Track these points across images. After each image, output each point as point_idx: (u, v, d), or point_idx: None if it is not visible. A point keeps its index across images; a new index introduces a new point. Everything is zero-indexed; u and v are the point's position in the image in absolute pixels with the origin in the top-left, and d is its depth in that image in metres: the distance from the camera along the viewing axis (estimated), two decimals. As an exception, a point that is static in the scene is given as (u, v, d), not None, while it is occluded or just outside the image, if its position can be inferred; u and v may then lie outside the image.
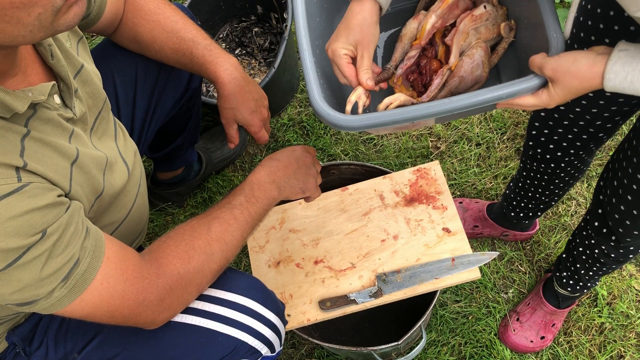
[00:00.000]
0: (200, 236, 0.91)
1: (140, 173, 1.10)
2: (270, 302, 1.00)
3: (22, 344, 0.97)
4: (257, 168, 1.03)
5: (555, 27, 0.84)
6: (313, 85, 0.84)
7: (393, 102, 0.87)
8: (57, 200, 0.74)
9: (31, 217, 0.70)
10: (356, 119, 0.82)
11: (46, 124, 0.78)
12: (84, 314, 0.80)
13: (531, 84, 0.80)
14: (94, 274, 0.78)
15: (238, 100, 1.13)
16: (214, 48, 1.14)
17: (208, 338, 0.93)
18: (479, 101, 0.80)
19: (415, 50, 0.99)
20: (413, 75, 0.98)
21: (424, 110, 0.81)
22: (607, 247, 1.14)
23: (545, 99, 0.79)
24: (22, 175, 0.71)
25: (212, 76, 1.13)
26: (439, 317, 1.55)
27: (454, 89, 0.94)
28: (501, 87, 0.80)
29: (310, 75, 0.85)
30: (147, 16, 1.12)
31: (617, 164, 1.00)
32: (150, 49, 1.16)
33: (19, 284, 0.71)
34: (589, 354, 1.48)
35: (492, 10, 0.98)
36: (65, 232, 0.74)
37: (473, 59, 0.93)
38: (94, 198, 0.87)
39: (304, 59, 0.87)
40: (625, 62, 0.70)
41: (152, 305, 0.85)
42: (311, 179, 1.07)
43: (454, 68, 0.94)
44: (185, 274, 0.88)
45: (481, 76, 0.94)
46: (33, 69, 0.80)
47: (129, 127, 1.25)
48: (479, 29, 0.96)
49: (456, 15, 0.99)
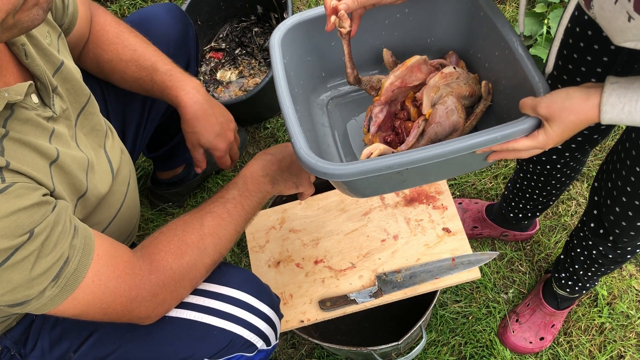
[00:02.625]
0: (193, 231, 0.91)
1: (129, 172, 1.09)
2: (264, 296, 1.00)
3: (16, 347, 0.97)
4: (250, 162, 1.03)
5: (539, 75, 0.82)
6: (299, 137, 0.83)
7: (373, 151, 0.86)
8: (43, 199, 0.74)
9: (18, 218, 0.69)
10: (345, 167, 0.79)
11: (24, 124, 0.78)
12: (76, 313, 0.80)
13: (526, 124, 0.77)
14: (85, 272, 0.78)
15: (201, 124, 1.11)
16: (175, 72, 1.12)
17: (203, 332, 0.93)
18: (474, 144, 0.77)
19: (378, 106, 0.99)
20: (390, 136, 0.98)
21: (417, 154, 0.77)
22: (605, 247, 1.14)
23: (542, 139, 0.77)
24: (6, 175, 0.71)
25: (174, 101, 1.11)
26: (439, 317, 1.55)
27: (433, 135, 0.93)
28: (494, 129, 0.77)
29: (294, 127, 0.84)
30: (105, 46, 1.11)
31: (611, 165, 1.00)
32: (112, 78, 1.15)
33: (9, 285, 0.71)
34: (589, 354, 1.48)
35: (462, 71, 0.98)
36: (53, 231, 0.74)
37: (446, 105, 0.93)
38: (75, 198, 0.87)
39: (287, 114, 0.86)
40: (620, 94, 0.70)
41: (146, 301, 0.85)
42: (304, 174, 1.06)
43: (428, 117, 0.94)
44: (178, 269, 0.88)
45: (458, 122, 0.93)
46: (8, 69, 0.80)
47: (121, 128, 1.24)
48: (450, 85, 0.96)
49: (419, 77, 0.99)
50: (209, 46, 2.01)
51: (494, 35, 0.91)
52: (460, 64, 1.02)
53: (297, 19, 0.95)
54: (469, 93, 0.97)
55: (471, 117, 0.97)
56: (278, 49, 0.92)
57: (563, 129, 0.75)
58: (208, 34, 1.99)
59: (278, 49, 0.92)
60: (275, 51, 0.92)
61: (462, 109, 0.94)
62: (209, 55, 2.00)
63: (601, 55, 0.92)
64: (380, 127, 0.99)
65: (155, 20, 1.26)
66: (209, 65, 1.98)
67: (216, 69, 1.97)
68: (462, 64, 1.02)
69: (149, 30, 1.19)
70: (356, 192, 0.90)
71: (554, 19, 1.83)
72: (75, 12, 1.03)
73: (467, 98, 0.97)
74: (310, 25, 0.96)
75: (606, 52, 0.91)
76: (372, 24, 1.00)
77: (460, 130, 0.94)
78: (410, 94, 0.99)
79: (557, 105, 0.74)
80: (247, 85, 1.91)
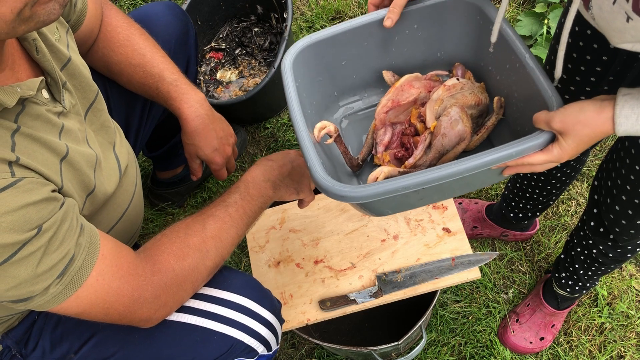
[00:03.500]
0: (195, 234, 0.91)
1: (136, 172, 1.10)
2: (266, 301, 1.00)
3: (17, 346, 0.97)
4: (252, 167, 1.03)
5: (551, 88, 0.82)
6: (314, 162, 0.84)
7: (378, 175, 0.87)
8: (52, 195, 0.74)
9: (26, 213, 0.69)
10: (361, 190, 0.80)
11: (35, 119, 0.78)
12: (79, 311, 0.80)
13: (540, 139, 0.77)
14: (90, 271, 0.78)
15: (200, 138, 1.13)
16: (181, 83, 1.13)
17: (204, 337, 0.93)
18: (490, 161, 0.77)
19: (379, 129, 1.00)
20: (400, 152, 0.99)
21: (433, 173, 0.78)
22: (605, 246, 1.14)
23: (557, 153, 0.77)
24: (16, 170, 0.71)
25: (177, 112, 1.13)
26: (439, 317, 1.55)
27: (440, 147, 0.93)
28: (509, 145, 0.77)
29: (310, 153, 0.85)
30: (116, 48, 1.12)
31: (611, 164, 1.00)
32: (118, 79, 1.16)
33: (15, 280, 0.71)
34: (589, 354, 1.48)
35: (465, 82, 0.98)
36: (60, 228, 0.74)
37: (450, 116, 0.93)
38: (84, 195, 0.87)
39: (302, 139, 0.87)
40: (633, 105, 0.70)
41: (148, 303, 0.85)
42: (305, 181, 1.07)
43: (433, 129, 0.94)
44: (181, 271, 0.88)
45: (464, 131, 0.93)
46: (20, 65, 0.80)
47: (123, 126, 1.25)
48: (455, 96, 0.96)
49: (412, 93, 1.00)
50: (209, 46, 2.01)
51: (503, 49, 0.91)
52: (467, 74, 1.02)
53: (306, 41, 0.96)
54: (475, 102, 0.97)
55: (482, 130, 0.97)
56: (290, 73, 0.93)
57: (578, 142, 0.75)
58: (208, 34, 1.99)
59: (290, 73, 0.93)
60: (287, 75, 0.93)
61: (467, 117, 0.94)
62: (209, 55, 2.00)
63: (600, 54, 0.92)
64: (388, 146, 1.00)
65: (156, 18, 1.26)
66: (209, 65, 1.98)
67: (216, 69, 1.97)
68: (468, 75, 1.02)
69: (151, 29, 1.19)
70: (374, 212, 0.91)
71: (554, 19, 1.83)
72: (83, 8, 1.03)
73: (473, 107, 0.97)
74: (319, 46, 0.97)
75: (605, 51, 0.91)
76: (381, 44, 1.01)
77: (467, 139, 0.94)
78: (414, 111, 1.00)
79: (571, 119, 0.74)
80: (247, 85, 1.91)
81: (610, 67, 0.92)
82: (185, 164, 1.71)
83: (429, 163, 0.94)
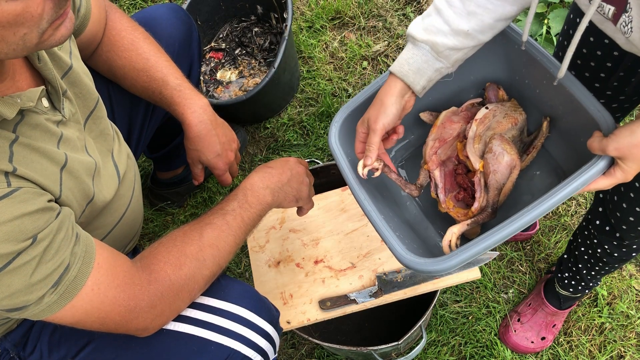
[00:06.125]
0: (192, 242, 0.91)
1: (135, 176, 1.10)
2: (264, 311, 0.99)
3: (15, 349, 0.97)
4: (250, 174, 1.03)
5: (597, 105, 0.83)
6: (393, 243, 0.86)
7: (451, 238, 0.89)
8: (48, 205, 0.74)
9: (21, 223, 0.69)
10: (451, 260, 0.81)
11: (34, 129, 0.78)
12: (74, 321, 0.79)
13: (600, 166, 0.78)
14: (85, 280, 0.77)
15: (203, 143, 1.12)
16: (185, 88, 1.12)
17: (201, 347, 0.92)
18: (558, 201, 0.79)
19: (435, 170, 1.01)
20: (460, 194, 1.01)
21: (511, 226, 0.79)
22: (610, 245, 1.14)
23: (621, 176, 0.78)
24: (12, 180, 0.71)
25: (180, 117, 1.12)
26: (439, 317, 1.55)
27: (495, 184, 0.95)
28: (573, 179, 0.79)
29: (385, 234, 0.87)
30: (120, 52, 1.11)
31: None
32: (122, 83, 1.16)
33: (9, 290, 0.71)
34: (589, 354, 1.48)
35: (495, 107, 0.99)
36: (56, 238, 0.74)
37: (493, 152, 0.95)
38: (85, 203, 0.87)
39: (374, 221, 0.89)
40: None
41: (144, 312, 0.84)
42: (304, 188, 1.07)
43: (482, 169, 0.96)
44: (177, 280, 0.87)
45: (511, 160, 0.95)
46: (21, 74, 0.80)
47: (126, 129, 1.24)
48: (491, 126, 0.98)
49: (454, 128, 1.02)
50: (209, 46, 2.01)
51: (535, 66, 0.92)
52: (499, 93, 1.03)
53: (345, 112, 1.00)
54: (512, 124, 0.98)
55: (532, 150, 0.99)
56: (338, 151, 0.97)
57: (638, 163, 0.76)
58: (208, 34, 1.99)
59: (338, 151, 0.97)
60: (337, 154, 0.97)
61: (510, 145, 0.95)
62: (209, 55, 2.00)
63: (612, 50, 0.91)
64: (447, 190, 1.01)
65: (160, 21, 1.26)
66: (209, 65, 1.98)
67: (216, 69, 1.97)
68: (501, 93, 1.03)
69: (155, 31, 1.19)
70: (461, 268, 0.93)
71: (553, 19, 1.83)
72: (87, 13, 1.03)
73: (512, 129, 0.98)
74: (356, 112, 1.00)
75: (609, 58, 0.91)
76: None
77: (518, 165, 0.96)
78: (459, 145, 1.01)
79: (625, 144, 0.74)
80: (247, 85, 1.91)
81: (620, 63, 0.92)
82: (185, 165, 1.71)
83: (491, 202, 0.95)
